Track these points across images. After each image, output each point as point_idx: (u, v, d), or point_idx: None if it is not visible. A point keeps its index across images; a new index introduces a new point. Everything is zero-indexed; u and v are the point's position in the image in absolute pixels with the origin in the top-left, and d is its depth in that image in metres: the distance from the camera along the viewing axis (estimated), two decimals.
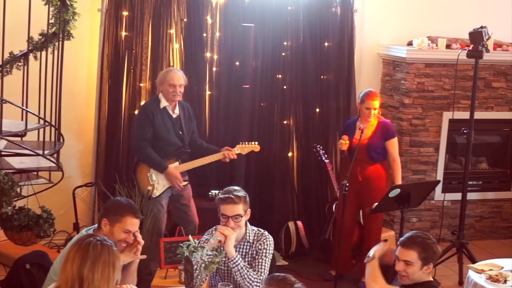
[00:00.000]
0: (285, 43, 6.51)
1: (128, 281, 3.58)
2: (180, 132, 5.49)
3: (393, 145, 5.76)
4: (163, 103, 5.43)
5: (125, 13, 6.01)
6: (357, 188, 5.70)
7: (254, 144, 5.69)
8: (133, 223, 3.63)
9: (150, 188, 5.43)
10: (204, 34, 6.23)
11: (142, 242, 3.67)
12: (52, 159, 5.09)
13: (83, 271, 2.82)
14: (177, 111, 5.49)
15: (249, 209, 4.02)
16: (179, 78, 5.41)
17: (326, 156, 6.18)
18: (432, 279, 3.69)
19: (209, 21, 6.24)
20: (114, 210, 3.64)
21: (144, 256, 3.70)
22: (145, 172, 5.46)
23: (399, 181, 5.73)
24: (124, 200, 3.80)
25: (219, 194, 4.06)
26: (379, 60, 6.99)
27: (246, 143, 5.68)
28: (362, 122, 5.75)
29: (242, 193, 3.98)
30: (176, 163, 5.49)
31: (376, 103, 5.69)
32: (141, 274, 5.05)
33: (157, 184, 5.45)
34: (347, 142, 5.74)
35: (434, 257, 3.62)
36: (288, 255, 6.38)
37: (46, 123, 5.12)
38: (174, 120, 5.47)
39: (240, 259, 3.88)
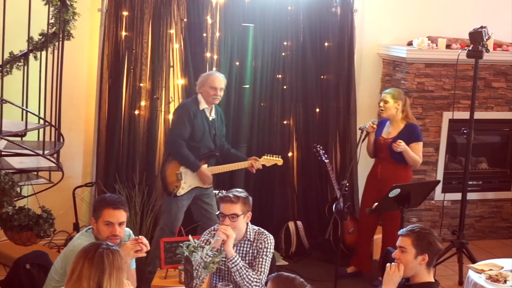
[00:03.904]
0: (285, 43, 6.51)
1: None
2: (214, 135, 5.54)
3: (417, 148, 5.70)
4: (203, 105, 5.47)
5: (125, 13, 6.01)
6: (377, 186, 5.74)
7: (278, 158, 5.78)
8: (110, 214, 3.66)
9: (177, 185, 5.44)
10: (204, 34, 6.23)
11: (149, 247, 3.69)
12: (52, 159, 5.09)
13: (102, 284, 2.86)
14: (213, 114, 5.54)
15: (250, 212, 4.02)
16: (221, 81, 5.47)
17: (326, 156, 6.20)
18: (433, 280, 3.69)
19: (209, 21, 6.24)
20: (95, 207, 3.73)
21: (144, 254, 3.70)
22: (175, 170, 5.47)
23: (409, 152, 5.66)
24: (108, 196, 3.83)
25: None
26: (379, 60, 6.99)
27: (272, 156, 5.77)
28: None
29: (243, 194, 3.99)
30: (205, 166, 5.52)
31: (387, 96, 5.70)
32: (141, 274, 5.07)
33: (184, 183, 5.47)
34: (375, 126, 5.73)
35: (429, 248, 3.62)
36: (288, 255, 6.38)
37: (46, 123, 5.11)
38: (210, 122, 5.52)
39: (239, 259, 3.88)
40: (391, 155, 5.70)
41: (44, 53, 5.03)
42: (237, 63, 6.32)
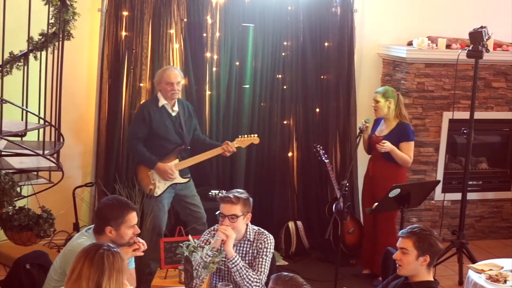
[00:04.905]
0: (285, 43, 6.51)
1: None
2: (180, 130, 5.51)
3: (406, 147, 5.68)
4: (162, 101, 5.48)
5: (125, 13, 6.01)
6: (370, 183, 5.80)
7: (254, 136, 5.73)
8: (134, 216, 3.70)
9: (151, 187, 5.44)
10: (204, 34, 6.24)
11: (146, 246, 3.71)
12: (52, 159, 5.09)
13: (101, 285, 2.86)
14: (176, 108, 5.52)
15: (249, 213, 4.02)
16: (176, 75, 5.46)
17: (326, 156, 6.20)
18: (432, 279, 3.69)
19: (209, 21, 6.24)
20: (114, 215, 3.64)
21: (142, 253, 3.71)
22: (146, 171, 5.47)
23: (397, 152, 5.66)
24: (113, 200, 3.79)
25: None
26: (379, 60, 6.99)
27: (245, 136, 5.72)
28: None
29: (244, 195, 3.98)
30: (176, 161, 5.52)
31: (377, 96, 5.72)
32: (141, 274, 5.07)
33: (159, 183, 5.47)
34: (367, 125, 5.75)
35: (430, 249, 3.62)
36: (288, 255, 6.38)
37: (46, 123, 5.12)
38: (174, 118, 5.51)
39: (239, 259, 3.88)
40: (381, 153, 5.72)
41: (44, 53, 5.04)
42: (237, 63, 6.33)
